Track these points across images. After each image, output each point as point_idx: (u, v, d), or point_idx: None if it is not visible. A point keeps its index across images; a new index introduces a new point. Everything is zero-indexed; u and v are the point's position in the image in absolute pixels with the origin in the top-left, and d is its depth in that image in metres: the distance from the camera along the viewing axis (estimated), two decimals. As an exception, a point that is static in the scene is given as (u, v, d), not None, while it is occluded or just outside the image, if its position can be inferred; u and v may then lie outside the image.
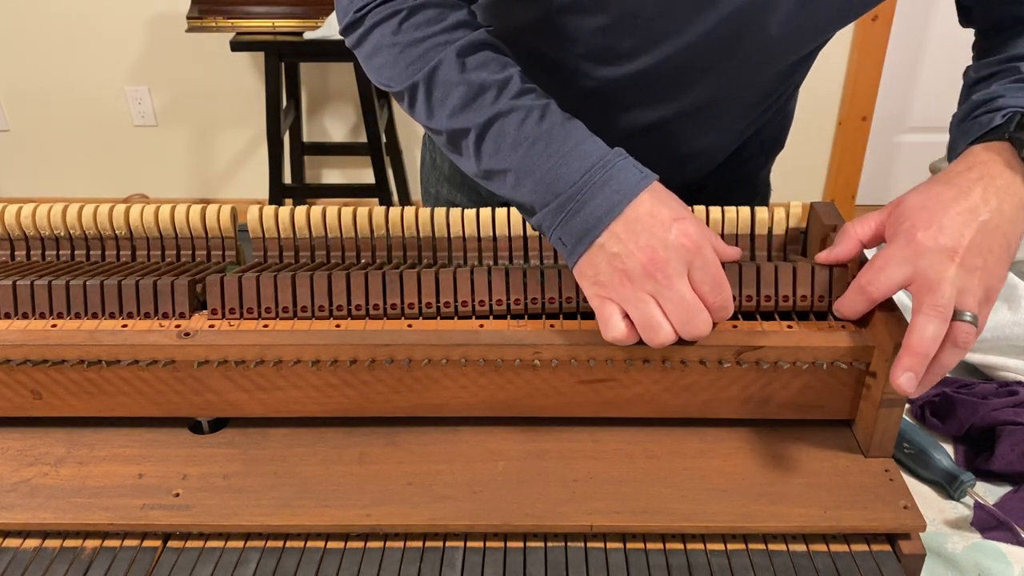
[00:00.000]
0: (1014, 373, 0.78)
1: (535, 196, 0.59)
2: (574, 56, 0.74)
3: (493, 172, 0.62)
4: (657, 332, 0.55)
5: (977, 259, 0.55)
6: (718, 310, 0.57)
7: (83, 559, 0.55)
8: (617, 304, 0.56)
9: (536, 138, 0.60)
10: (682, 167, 0.87)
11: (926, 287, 0.54)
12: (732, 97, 0.79)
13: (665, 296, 0.55)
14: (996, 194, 0.57)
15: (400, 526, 0.56)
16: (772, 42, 0.69)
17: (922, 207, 0.57)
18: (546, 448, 0.62)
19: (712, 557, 0.55)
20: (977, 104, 0.64)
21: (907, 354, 0.54)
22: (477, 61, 0.63)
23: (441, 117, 0.63)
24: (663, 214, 0.56)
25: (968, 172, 0.58)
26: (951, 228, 0.55)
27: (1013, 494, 0.67)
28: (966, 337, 0.54)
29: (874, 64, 2.58)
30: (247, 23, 2.32)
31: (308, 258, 0.68)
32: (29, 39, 2.66)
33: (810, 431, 0.63)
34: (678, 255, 0.55)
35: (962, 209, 0.56)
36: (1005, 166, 0.58)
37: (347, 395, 0.62)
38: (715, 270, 0.56)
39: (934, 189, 0.58)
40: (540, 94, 0.63)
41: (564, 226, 0.58)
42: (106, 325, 0.61)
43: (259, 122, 2.73)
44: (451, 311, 0.62)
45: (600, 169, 0.57)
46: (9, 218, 0.69)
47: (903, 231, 0.56)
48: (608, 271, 0.56)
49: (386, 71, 0.66)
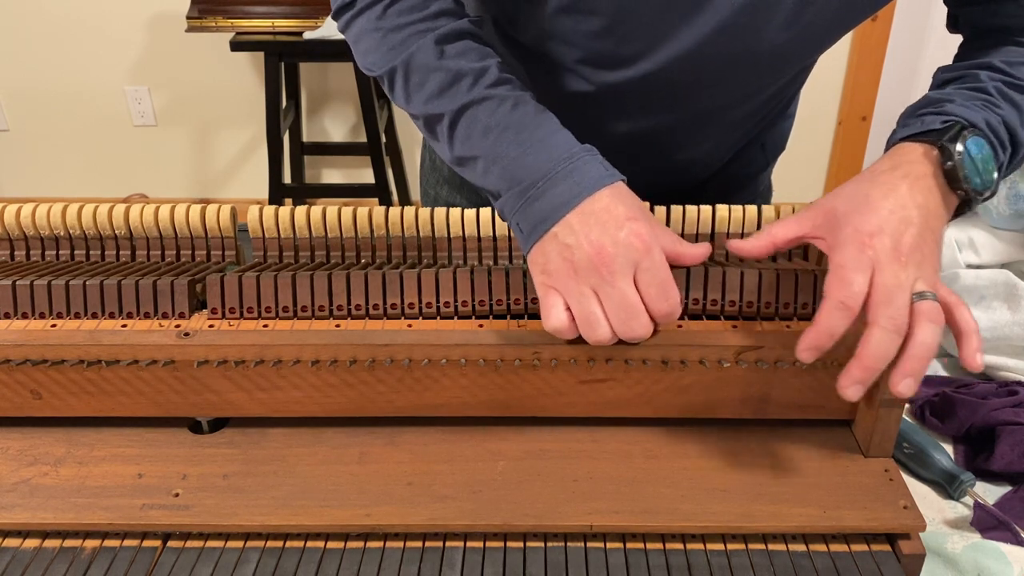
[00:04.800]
0: (1014, 373, 0.78)
1: (501, 183, 0.60)
2: (573, 60, 0.74)
3: (465, 159, 0.64)
4: (594, 329, 0.56)
5: (916, 253, 0.55)
6: (664, 316, 0.56)
7: (83, 559, 0.55)
8: (561, 295, 0.57)
9: (506, 126, 0.61)
10: (680, 173, 0.87)
11: (882, 297, 0.54)
12: (732, 105, 0.79)
13: (606, 293, 0.55)
14: (922, 192, 0.57)
15: (400, 526, 0.56)
16: (772, 47, 0.69)
17: (856, 211, 0.56)
18: (546, 448, 0.62)
19: (712, 557, 0.55)
20: (927, 102, 0.64)
21: (858, 367, 0.53)
22: (456, 49, 0.65)
23: (417, 102, 0.65)
24: (619, 211, 0.56)
25: (893, 171, 0.58)
26: (890, 229, 0.55)
27: (1013, 494, 0.67)
28: (935, 312, 0.54)
29: (874, 64, 2.58)
30: (247, 23, 2.32)
31: (308, 258, 0.68)
32: (29, 39, 2.66)
33: (810, 431, 0.63)
34: (625, 253, 0.55)
35: (894, 207, 0.56)
36: (929, 168, 0.59)
37: (347, 395, 0.62)
38: (662, 274, 0.56)
39: (861, 190, 0.58)
40: (516, 85, 0.64)
41: (522, 212, 0.59)
42: (106, 325, 0.61)
43: (259, 122, 2.73)
44: (451, 311, 0.62)
45: (565, 161, 0.58)
46: (9, 218, 0.69)
47: (849, 238, 0.56)
48: (557, 261, 0.56)
49: (370, 55, 0.68)
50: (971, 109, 0.61)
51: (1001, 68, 0.65)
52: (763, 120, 0.86)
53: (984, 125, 0.60)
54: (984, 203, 0.87)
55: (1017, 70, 0.65)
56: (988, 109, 0.61)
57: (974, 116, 0.60)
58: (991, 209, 0.87)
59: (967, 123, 0.60)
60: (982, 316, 0.81)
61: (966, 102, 0.62)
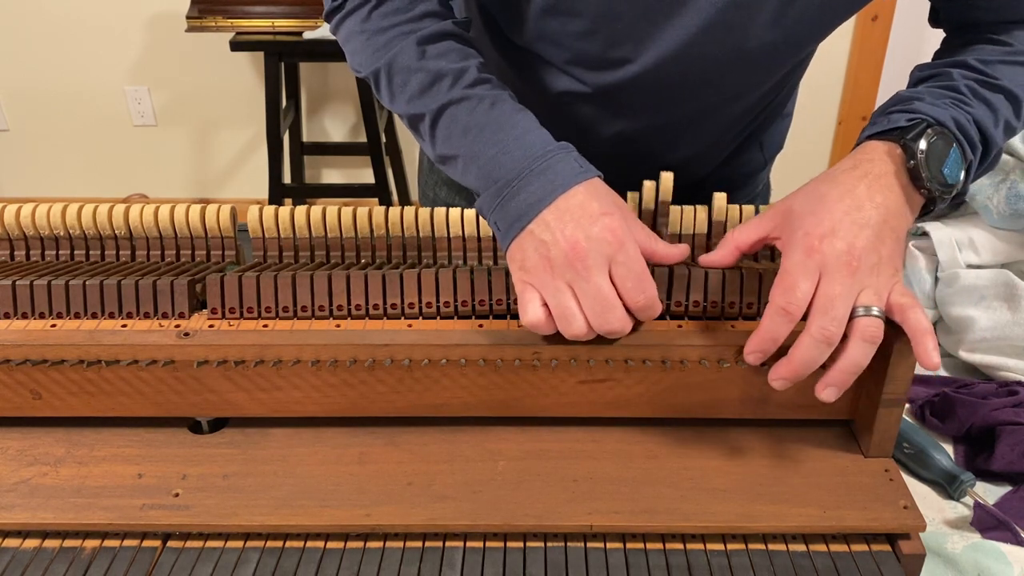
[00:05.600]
0: (1014, 373, 0.78)
1: (479, 181, 0.61)
2: (563, 61, 0.75)
3: (446, 157, 0.64)
4: (570, 323, 0.56)
5: (872, 256, 0.55)
6: (641, 309, 0.57)
7: (83, 559, 0.55)
8: (537, 290, 0.57)
9: (484, 125, 0.61)
10: (675, 173, 0.87)
11: (820, 306, 0.54)
12: (723, 105, 0.79)
13: (581, 288, 0.55)
14: (881, 191, 0.57)
15: (400, 526, 0.56)
16: (760, 45, 0.69)
17: (811, 212, 0.56)
18: (546, 448, 0.62)
19: (712, 557, 0.55)
20: (897, 100, 0.63)
21: (785, 366, 0.55)
22: (438, 50, 0.66)
23: (401, 102, 0.66)
24: (592, 207, 0.57)
25: (853, 171, 0.58)
26: (843, 231, 0.55)
27: (1013, 494, 0.67)
28: (872, 330, 0.54)
29: (874, 64, 2.58)
30: (247, 23, 2.33)
31: (308, 258, 0.68)
32: (29, 39, 2.66)
33: (810, 431, 0.63)
34: (599, 248, 0.55)
35: (849, 208, 0.56)
36: (891, 166, 0.58)
37: (347, 395, 0.62)
38: (637, 267, 0.56)
39: (819, 190, 0.58)
40: (495, 84, 0.65)
41: (500, 210, 0.59)
42: (106, 325, 0.61)
43: (259, 122, 2.73)
44: (451, 311, 0.62)
45: (540, 159, 0.59)
46: (9, 218, 0.69)
47: (799, 241, 0.56)
48: (534, 257, 0.57)
49: (356, 57, 0.70)
50: (939, 107, 0.60)
51: (975, 66, 0.64)
52: (757, 120, 0.86)
53: (951, 123, 0.60)
54: (984, 203, 0.87)
55: (992, 68, 0.64)
56: (957, 107, 0.61)
57: (941, 114, 0.60)
58: (991, 209, 0.87)
59: (933, 121, 0.59)
60: (982, 316, 0.81)
61: (935, 100, 0.61)
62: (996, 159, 0.64)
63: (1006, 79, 0.64)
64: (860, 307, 0.54)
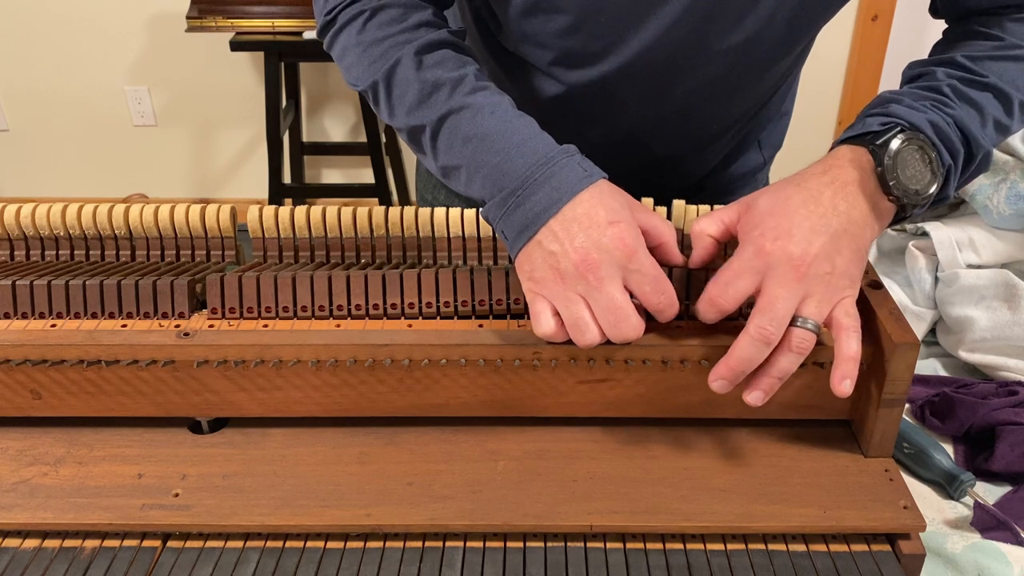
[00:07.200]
0: (1014, 373, 0.78)
1: (483, 191, 0.60)
2: (546, 63, 0.74)
3: (448, 168, 0.64)
4: (584, 333, 0.56)
5: (825, 264, 0.55)
6: (662, 310, 0.57)
7: (82, 559, 0.55)
8: (549, 301, 0.57)
9: (485, 134, 0.61)
10: (670, 172, 0.87)
11: (762, 305, 0.54)
12: (711, 100, 0.78)
13: (594, 298, 0.55)
14: (845, 199, 0.57)
15: (400, 526, 0.56)
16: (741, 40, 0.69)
17: (771, 213, 0.56)
18: (546, 448, 0.62)
19: (712, 557, 0.55)
20: (878, 102, 0.63)
21: (724, 366, 0.55)
22: (434, 59, 0.65)
23: (400, 114, 0.65)
24: (599, 216, 0.56)
25: (821, 176, 0.58)
26: (800, 235, 0.55)
27: (1013, 494, 0.67)
28: (801, 342, 0.54)
29: (874, 64, 2.58)
30: (247, 23, 2.32)
31: (308, 258, 0.68)
32: (29, 39, 2.66)
33: (810, 431, 0.63)
34: (611, 258, 0.55)
35: (810, 214, 0.56)
36: (859, 173, 0.58)
37: (347, 395, 0.62)
38: (653, 271, 0.56)
39: (785, 191, 0.58)
40: (494, 91, 0.64)
41: (506, 220, 0.59)
42: (106, 325, 0.61)
43: (259, 122, 2.73)
44: (451, 311, 0.62)
45: (544, 166, 0.58)
46: (9, 218, 0.69)
47: (752, 240, 0.56)
48: (543, 268, 0.57)
49: (353, 70, 0.69)
50: (917, 110, 0.59)
51: (962, 64, 0.64)
52: (755, 118, 0.86)
53: (928, 127, 0.58)
54: (984, 203, 0.87)
55: (980, 65, 0.63)
56: (937, 109, 0.60)
57: (917, 118, 0.59)
58: (991, 209, 0.87)
59: (907, 125, 0.58)
60: (982, 316, 0.81)
61: (914, 103, 0.60)
62: (986, 160, 0.63)
63: (994, 76, 0.63)
64: (798, 317, 0.55)
